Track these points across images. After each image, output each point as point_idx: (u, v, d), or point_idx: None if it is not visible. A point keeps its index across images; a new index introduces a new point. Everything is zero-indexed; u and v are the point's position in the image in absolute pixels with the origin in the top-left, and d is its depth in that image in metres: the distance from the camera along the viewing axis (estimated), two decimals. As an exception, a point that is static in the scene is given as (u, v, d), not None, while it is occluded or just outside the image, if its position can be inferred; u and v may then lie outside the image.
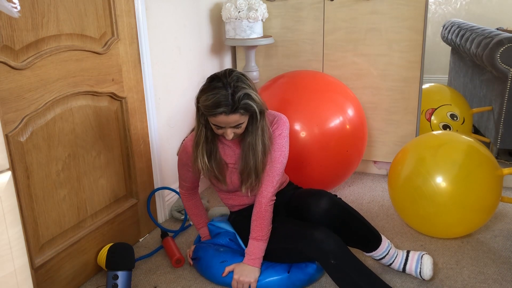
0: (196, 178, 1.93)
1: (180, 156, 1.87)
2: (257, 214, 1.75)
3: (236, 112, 1.59)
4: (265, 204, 1.74)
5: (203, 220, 2.03)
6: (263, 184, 1.75)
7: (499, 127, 2.69)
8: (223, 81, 1.60)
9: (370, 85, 2.63)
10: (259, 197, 1.75)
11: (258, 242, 1.74)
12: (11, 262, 1.05)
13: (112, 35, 1.89)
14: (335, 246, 1.64)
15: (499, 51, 2.53)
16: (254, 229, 1.75)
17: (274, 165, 1.75)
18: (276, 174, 1.75)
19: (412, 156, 2.05)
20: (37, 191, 1.62)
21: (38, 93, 1.57)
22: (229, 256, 1.82)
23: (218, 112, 1.58)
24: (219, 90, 1.58)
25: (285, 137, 1.77)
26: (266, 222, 1.74)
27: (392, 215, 2.33)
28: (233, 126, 1.64)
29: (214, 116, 1.60)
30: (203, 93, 1.63)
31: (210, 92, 1.59)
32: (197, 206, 2.01)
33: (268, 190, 1.75)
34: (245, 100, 1.59)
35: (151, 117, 2.18)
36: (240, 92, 1.58)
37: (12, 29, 1.46)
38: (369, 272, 1.64)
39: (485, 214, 1.97)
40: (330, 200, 1.78)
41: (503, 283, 1.78)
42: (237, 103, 1.57)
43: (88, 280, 1.90)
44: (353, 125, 2.33)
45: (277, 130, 1.75)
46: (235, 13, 2.49)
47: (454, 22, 3.46)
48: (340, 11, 2.58)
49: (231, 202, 1.92)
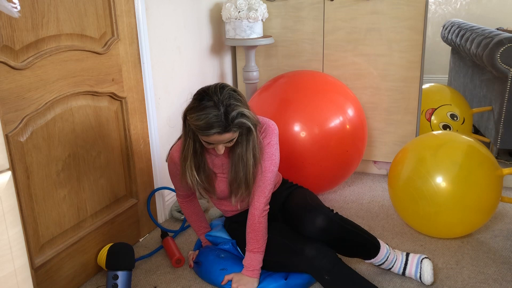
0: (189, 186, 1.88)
1: (169, 167, 1.83)
2: (251, 227, 1.72)
3: (229, 131, 1.54)
4: (258, 216, 1.71)
5: (203, 226, 2.01)
6: (255, 196, 1.72)
7: (499, 127, 2.69)
8: (214, 99, 1.51)
9: (370, 85, 2.63)
10: (252, 209, 1.72)
11: (255, 254, 1.73)
12: (11, 262, 1.05)
13: (112, 35, 1.89)
14: (327, 262, 1.62)
15: (499, 51, 2.53)
16: (249, 242, 1.73)
17: (265, 175, 1.71)
18: (268, 184, 1.71)
19: (412, 156, 2.05)
20: (37, 191, 1.62)
21: (38, 93, 1.57)
22: (229, 264, 1.81)
23: (211, 133, 1.52)
24: (211, 110, 1.50)
25: (275, 145, 1.72)
26: (261, 234, 1.72)
27: (392, 215, 2.33)
28: (225, 142, 1.59)
29: (207, 136, 1.55)
30: (193, 112, 1.54)
31: (201, 112, 1.51)
32: (195, 213, 1.98)
33: (260, 202, 1.71)
34: (239, 119, 1.53)
35: (151, 117, 2.18)
36: (233, 111, 1.51)
37: (12, 29, 1.46)
38: (366, 284, 1.63)
39: (485, 214, 1.97)
40: (326, 218, 1.71)
41: (503, 283, 1.78)
42: (231, 123, 1.51)
43: (88, 280, 1.90)
44: (353, 125, 2.33)
45: (266, 139, 1.70)
46: (235, 13, 2.49)
47: (454, 22, 3.46)
48: (340, 11, 2.58)
49: (223, 208, 1.91)
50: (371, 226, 2.22)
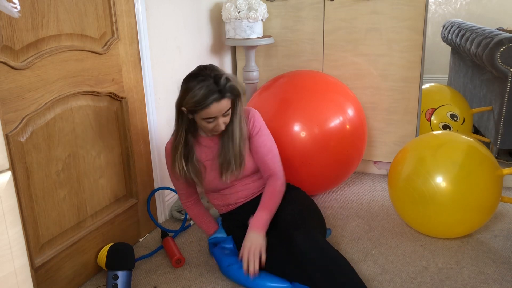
0: (186, 184, 1.94)
1: (167, 163, 1.93)
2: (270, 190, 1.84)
3: (225, 96, 1.67)
4: (280, 186, 1.86)
5: (212, 225, 2.01)
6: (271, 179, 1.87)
7: (499, 127, 2.69)
8: (203, 74, 1.68)
9: (370, 85, 2.63)
10: (272, 181, 1.86)
11: (264, 213, 1.80)
12: (11, 262, 1.05)
13: (112, 35, 1.89)
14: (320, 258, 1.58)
15: (499, 51, 2.52)
16: (264, 200, 1.82)
17: (272, 151, 1.88)
18: (278, 159, 1.90)
19: (412, 156, 2.05)
20: (37, 191, 1.62)
21: (38, 93, 1.57)
22: (234, 260, 1.83)
23: (210, 102, 1.64)
24: (202, 83, 1.65)
25: (264, 125, 1.90)
26: (277, 198, 1.83)
27: (392, 215, 2.33)
28: (223, 113, 1.69)
29: (207, 107, 1.65)
30: (187, 93, 1.68)
31: (195, 88, 1.65)
32: (202, 213, 2.02)
33: (279, 175, 1.87)
34: (230, 83, 1.67)
35: (151, 117, 2.18)
36: (222, 78, 1.66)
37: (12, 29, 1.46)
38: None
39: (485, 214, 1.97)
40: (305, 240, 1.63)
41: (503, 283, 1.78)
42: (224, 87, 1.66)
43: (88, 280, 1.90)
44: (353, 125, 2.33)
45: (257, 123, 1.86)
46: (235, 13, 2.49)
47: (454, 22, 3.46)
48: (340, 11, 2.58)
49: (217, 202, 1.96)
50: (371, 226, 2.22)
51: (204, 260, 2.01)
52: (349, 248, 2.04)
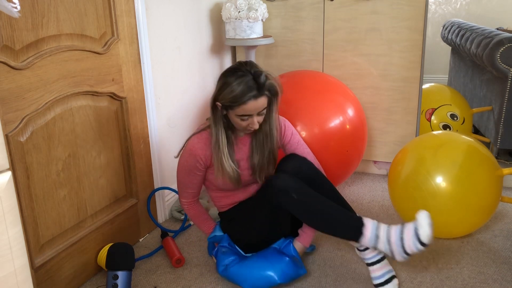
0: (202, 182, 1.88)
1: (185, 162, 1.79)
2: None
3: (262, 94, 1.63)
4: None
5: (212, 225, 1.98)
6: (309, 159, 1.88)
7: (499, 127, 2.69)
8: (243, 69, 1.63)
9: (370, 85, 2.63)
10: None
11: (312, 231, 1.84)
12: (11, 262, 1.05)
13: (112, 35, 1.89)
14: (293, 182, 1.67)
15: (499, 51, 2.53)
16: None
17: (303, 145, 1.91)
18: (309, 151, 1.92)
19: (412, 156, 2.05)
20: (37, 191, 1.62)
21: (38, 93, 1.57)
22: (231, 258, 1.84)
23: (247, 98, 1.60)
24: (241, 78, 1.60)
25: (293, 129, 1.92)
26: None
27: (392, 215, 2.33)
28: (259, 112, 1.67)
29: (244, 103, 1.61)
30: (225, 87, 1.63)
31: (233, 83, 1.61)
32: (202, 213, 1.97)
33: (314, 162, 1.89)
34: (269, 81, 1.64)
35: (151, 117, 2.18)
36: (261, 75, 1.62)
37: (12, 29, 1.46)
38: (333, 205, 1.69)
39: (485, 214, 1.97)
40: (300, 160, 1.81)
41: (503, 283, 1.78)
42: (262, 85, 1.62)
43: (88, 280, 1.90)
44: (353, 125, 2.33)
45: (288, 130, 1.87)
46: (235, 13, 2.49)
47: (454, 22, 3.46)
48: (340, 11, 2.58)
49: (223, 202, 1.91)
50: (371, 226, 2.22)
51: (204, 260, 2.01)
52: (349, 248, 2.04)
